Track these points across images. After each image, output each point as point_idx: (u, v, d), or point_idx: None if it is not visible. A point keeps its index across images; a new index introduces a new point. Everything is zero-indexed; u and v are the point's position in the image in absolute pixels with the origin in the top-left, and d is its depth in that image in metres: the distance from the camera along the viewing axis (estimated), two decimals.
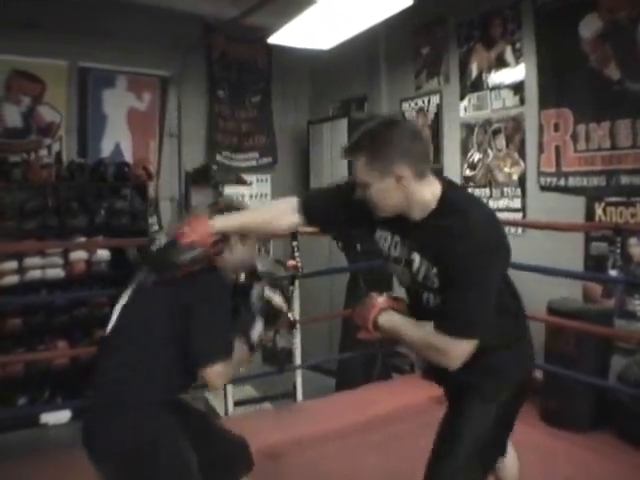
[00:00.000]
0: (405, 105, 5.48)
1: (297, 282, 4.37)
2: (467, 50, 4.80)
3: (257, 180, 6.51)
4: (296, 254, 3.91)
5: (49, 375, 4.70)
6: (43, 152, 5.16)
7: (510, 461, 2.21)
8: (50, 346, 4.75)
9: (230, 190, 6.23)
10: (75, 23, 4.99)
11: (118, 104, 5.57)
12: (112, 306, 5.04)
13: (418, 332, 1.75)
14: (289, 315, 4.00)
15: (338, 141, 5.78)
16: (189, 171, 5.99)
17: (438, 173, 1.80)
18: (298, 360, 4.33)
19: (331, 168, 6.04)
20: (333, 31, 4.50)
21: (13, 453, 3.68)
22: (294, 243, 3.92)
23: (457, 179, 4.94)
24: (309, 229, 2.08)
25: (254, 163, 6.49)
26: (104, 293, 4.84)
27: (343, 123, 5.78)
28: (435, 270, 1.70)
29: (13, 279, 4.65)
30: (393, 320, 1.82)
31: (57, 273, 4.83)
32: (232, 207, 2.04)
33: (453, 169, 5.02)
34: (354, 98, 6.14)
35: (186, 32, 5.58)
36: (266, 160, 6.56)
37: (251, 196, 6.44)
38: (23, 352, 4.62)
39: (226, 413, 4.20)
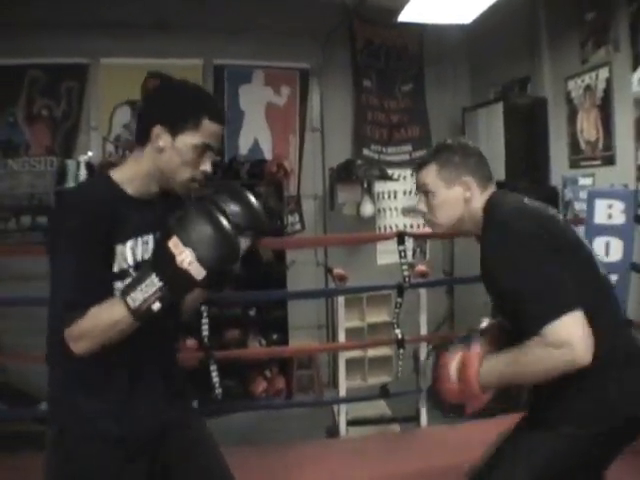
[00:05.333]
0: (571, 84, 4.64)
1: (424, 294, 3.87)
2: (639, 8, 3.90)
3: (412, 175, 6.00)
4: (403, 260, 3.40)
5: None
6: None
7: None
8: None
9: (380, 187, 5.83)
10: (207, 20, 4.92)
11: (255, 100, 5.41)
12: (244, 307, 4.87)
13: (521, 353, 1.54)
14: (397, 332, 3.56)
15: (493, 128, 5.09)
16: (334, 167, 5.66)
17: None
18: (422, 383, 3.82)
19: (489, 159, 5.37)
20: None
21: None
22: (400, 247, 3.40)
23: (630, 170, 4.08)
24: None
25: (407, 157, 5.96)
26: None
27: (499, 108, 5.06)
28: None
29: None
30: (491, 365, 1.62)
31: None
32: None
33: (626, 158, 4.13)
34: (516, 80, 5.39)
35: (325, 20, 5.24)
36: (420, 153, 6.00)
37: (404, 192, 5.97)
38: None
39: (336, 432, 3.82)
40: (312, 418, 4.26)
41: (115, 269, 1.48)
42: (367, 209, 5.53)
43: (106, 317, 1.37)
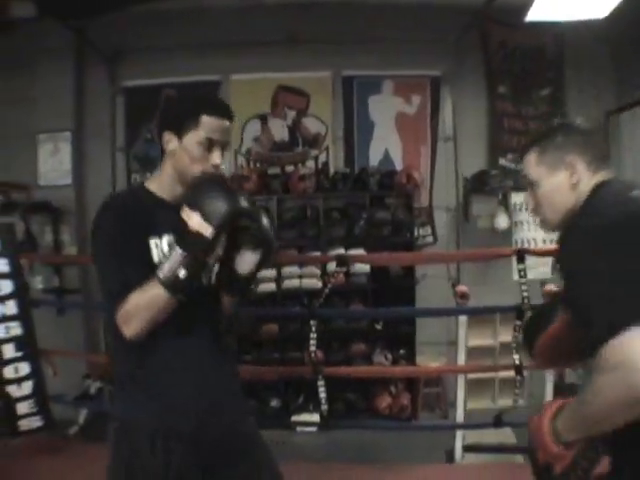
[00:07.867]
0: None
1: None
2: None
3: None
4: (522, 280, 3.14)
5: (302, 382, 4.62)
6: (310, 163, 5.22)
7: None
8: (305, 354, 4.70)
9: (516, 198, 5.50)
10: (334, 33, 5.00)
11: (385, 110, 5.36)
12: (371, 320, 4.76)
13: (584, 390, 1.25)
14: (515, 357, 3.27)
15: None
16: (467, 177, 5.45)
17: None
18: None
19: (634, 171, 4.91)
20: None
21: None
22: (520, 266, 3.15)
23: None
24: None
25: None
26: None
27: None
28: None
29: (271, 286, 4.83)
30: (565, 416, 1.33)
31: (314, 283, 4.78)
32: None
33: None
34: None
35: (454, 24, 5.05)
36: None
37: None
38: (278, 357, 4.79)
39: (451, 458, 3.60)
40: (434, 438, 4.09)
41: (155, 259, 1.61)
42: (502, 222, 5.22)
43: (144, 295, 1.52)
